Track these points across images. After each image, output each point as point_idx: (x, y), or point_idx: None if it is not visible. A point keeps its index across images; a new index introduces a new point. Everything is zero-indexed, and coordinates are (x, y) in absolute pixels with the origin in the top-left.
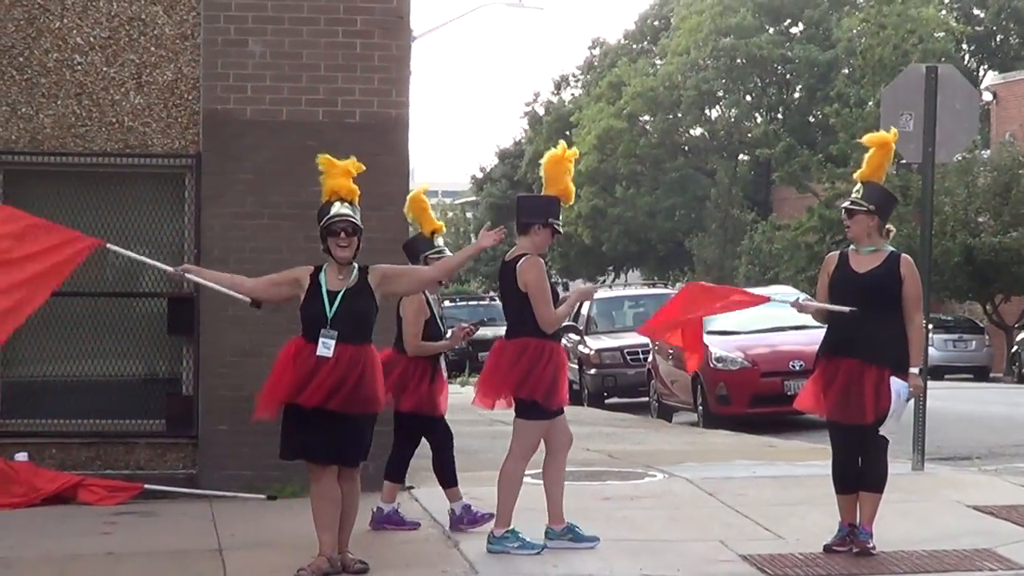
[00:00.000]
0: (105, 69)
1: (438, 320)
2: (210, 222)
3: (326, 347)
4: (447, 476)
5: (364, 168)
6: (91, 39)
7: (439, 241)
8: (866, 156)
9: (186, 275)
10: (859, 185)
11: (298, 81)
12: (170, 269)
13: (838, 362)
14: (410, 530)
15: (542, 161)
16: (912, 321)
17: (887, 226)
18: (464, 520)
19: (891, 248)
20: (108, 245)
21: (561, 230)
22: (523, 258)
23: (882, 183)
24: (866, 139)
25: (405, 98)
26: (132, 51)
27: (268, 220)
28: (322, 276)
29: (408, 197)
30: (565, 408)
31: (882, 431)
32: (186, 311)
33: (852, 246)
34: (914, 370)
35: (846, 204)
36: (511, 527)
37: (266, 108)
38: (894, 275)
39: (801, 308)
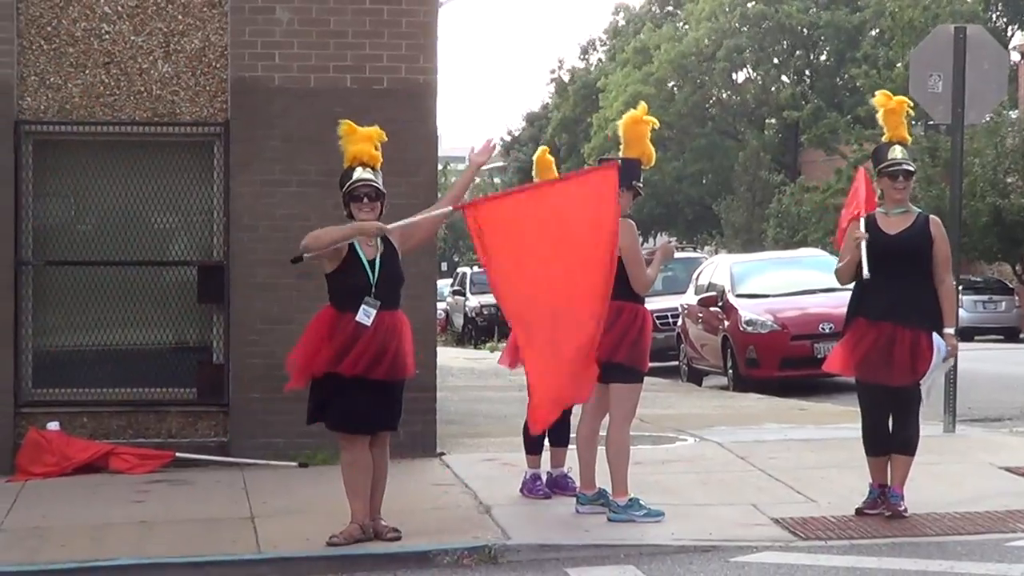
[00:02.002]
0: (133, 38)
1: None
2: (239, 190)
3: (367, 315)
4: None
5: (386, 138)
6: (119, 8)
7: None
8: (885, 118)
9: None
10: (896, 146)
11: (326, 48)
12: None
13: (870, 324)
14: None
15: (620, 122)
16: (943, 282)
17: None
18: (558, 486)
19: (918, 209)
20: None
21: (642, 191)
22: None
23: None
24: (878, 100)
25: (433, 64)
26: (160, 19)
27: (296, 187)
28: (356, 244)
29: (534, 159)
30: None
31: (922, 384)
32: (216, 279)
33: (881, 209)
34: (949, 330)
35: (903, 166)
36: (632, 495)
37: (294, 75)
38: (925, 236)
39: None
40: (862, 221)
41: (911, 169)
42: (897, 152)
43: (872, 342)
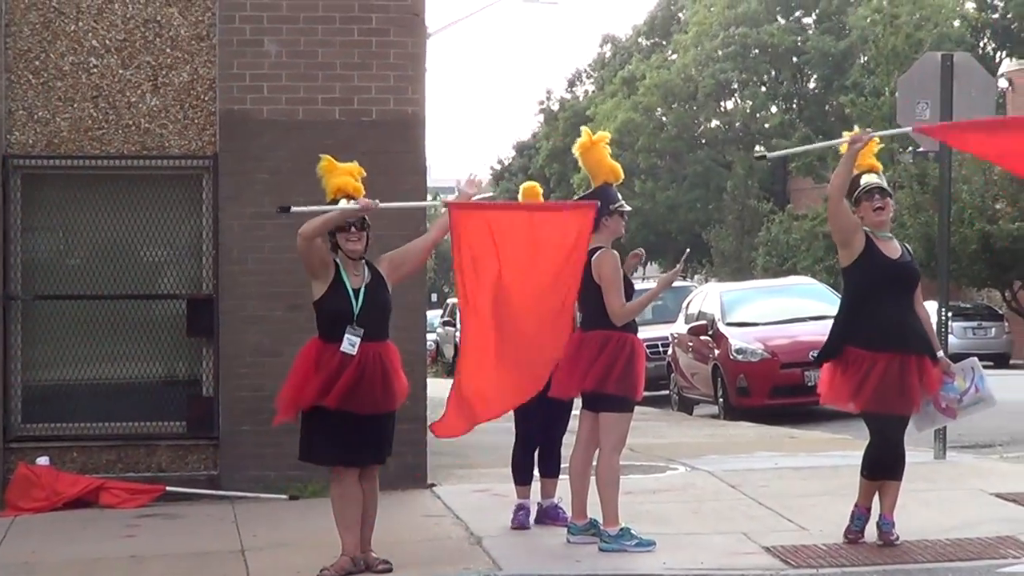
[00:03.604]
0: (121, 71)
1: None
2: (228, 222)
3: (351, 344)
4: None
5: (365, 173)
6: (107, 42)
7: None
8: (854, 158)
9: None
10: (871, 173)
11: (314, 80)
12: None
13: (873, 354)
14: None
15: (577, 156)
16: (922, 307)
17: None
18: (549, 517)
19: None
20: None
21: (626, 208)
22: (599, 251)
23: None
24: (842, 147)
25: (421, 95)
26: (148, 53)
27: (287, 219)
28: (343, 272)
29: (521, 192)
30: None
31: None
32: (205, 312)
33: (868, 230)
34: (941, 353)
35: (883, 185)
36: (623, 524)
37: (282, 108)
38: (915, 262)
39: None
40: (863, 230)
41: (886, 187)
42: (870, 177)
43: (882, 372)
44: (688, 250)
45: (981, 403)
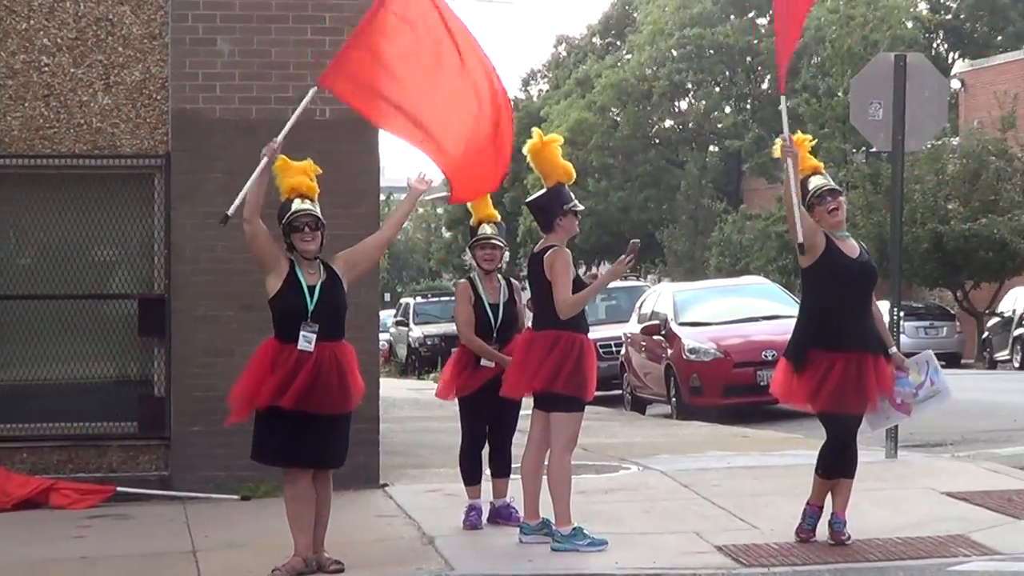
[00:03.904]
0: (73, 70)
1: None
2: (181, 221)
3: (308, 341)
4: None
5: (320, 171)
6: (58, 40)
7: (486, 229)
8: (797, 163)
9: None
10: (812, 177)
11: (267, 79)
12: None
13: (833, 354)
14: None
15: (528, 157)
16: (875, 304)
17: None
18: (501, 516)
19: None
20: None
21: (580, 208)
22: (551, 248)
23: None
24: (775, 152)
25: None
26: (100, 51)
27: (239, 219)
28: (298, 270)
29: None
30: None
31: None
32: (157, 312)
33: (826, 231)
34: (895, 349)
35: (833, 185)
36: (576, 524)
37: (236, 107)
38: (872, 261)
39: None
40: (823, 232)
41: (837, 187)
42: (817, 180)
43: (841, 373)
44: (637, 241)
45: (937, 396)
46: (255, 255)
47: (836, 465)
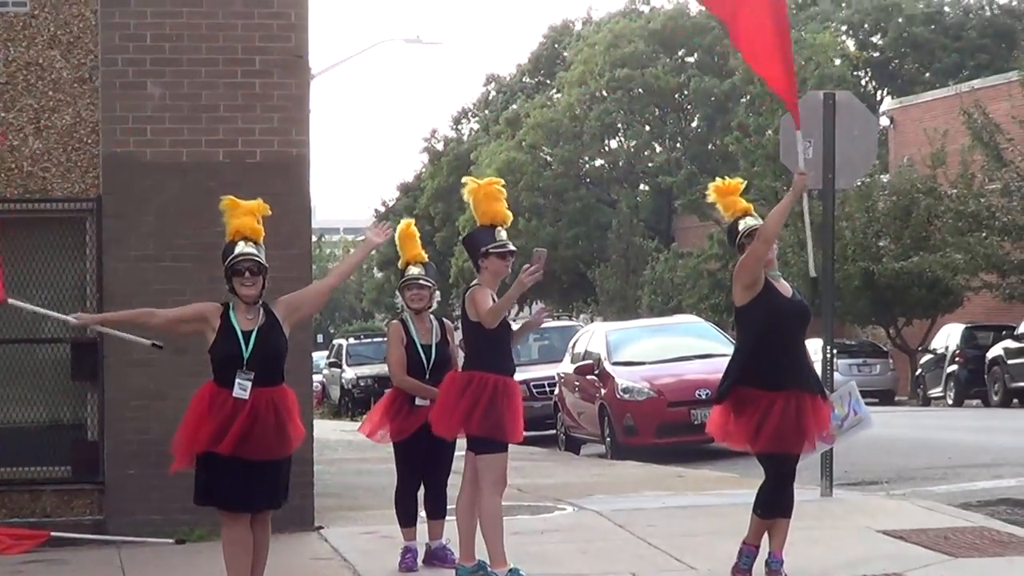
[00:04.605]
0: (3, 115)
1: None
2: (112, 265)
3: (243, 388)
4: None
5: (269, 211)
6: None
7: (413, 270)
8: (722, 204)
9: (88, 325)
10: (744, 219)
11: (198, 122)
12: (71, 320)
13: (771, 394)
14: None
15: (465, 198)
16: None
17: None
18: (437, 558)
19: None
20: (10, 300)
21: (506, 249)
22: (472, 287)
23: None
24: (710, 195)
25: (305, 136)
26: (30, 96)
27: (171, 262)
28: (232, 316)
29: (398, 231)
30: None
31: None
32: (89, 356)
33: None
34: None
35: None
36: (511, 565)
37: (166, 150)
38: (804, 300)
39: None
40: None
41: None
42: (748, 221)
43: (780, 413)
44: (543, 250)
45: (860, 424)
46: (187, 335)
47: (776, 505)
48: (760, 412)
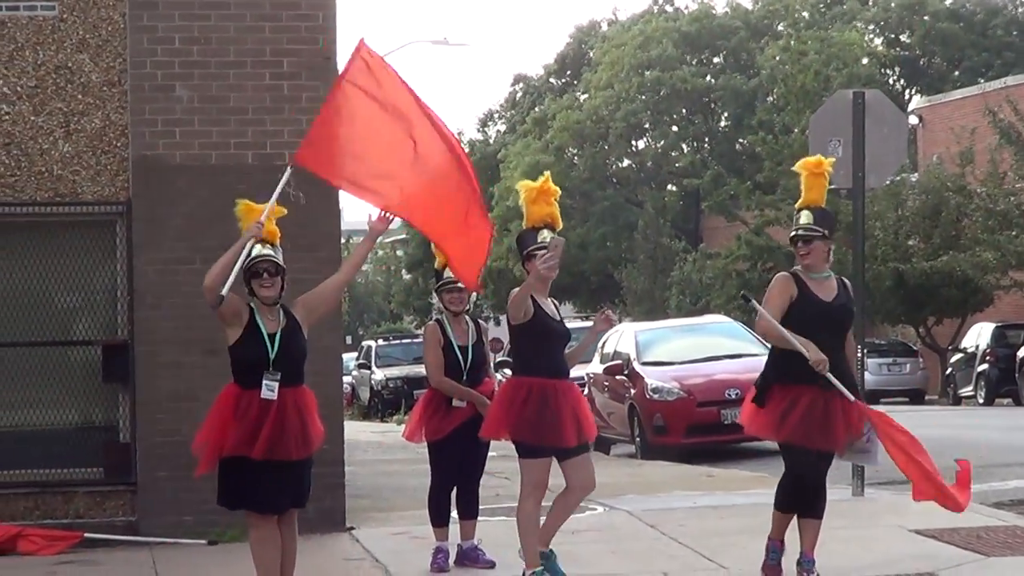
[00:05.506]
0: (33, 118)
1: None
2: (142, 268)
3: (271, 389)
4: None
5: (284, 212)
6: (18, 89)
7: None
8: (803, 183)
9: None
10: (804, 212)
11: (226, 125)
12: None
13: (801, 388)
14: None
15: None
16: (850, 343)
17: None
18: (468, 559)
19: (831, 272)
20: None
21: (540, 248)
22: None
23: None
24: (799, 165)
25: None
26: (59, 99)
27: (200, 264)
28: (258, 317)
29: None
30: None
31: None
32: (120, 358)
33: (798, 269)
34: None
35: (801, 232)
36: (538, 567)
37: (195, 153)
38: (851, 303)
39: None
40: (792, 279)
41: (805, 235)
42: (803, 218)
43: (807, 406)
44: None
45: (867, 452)
46: (222, 318)
47: (792, 500)
48: (787, 402)
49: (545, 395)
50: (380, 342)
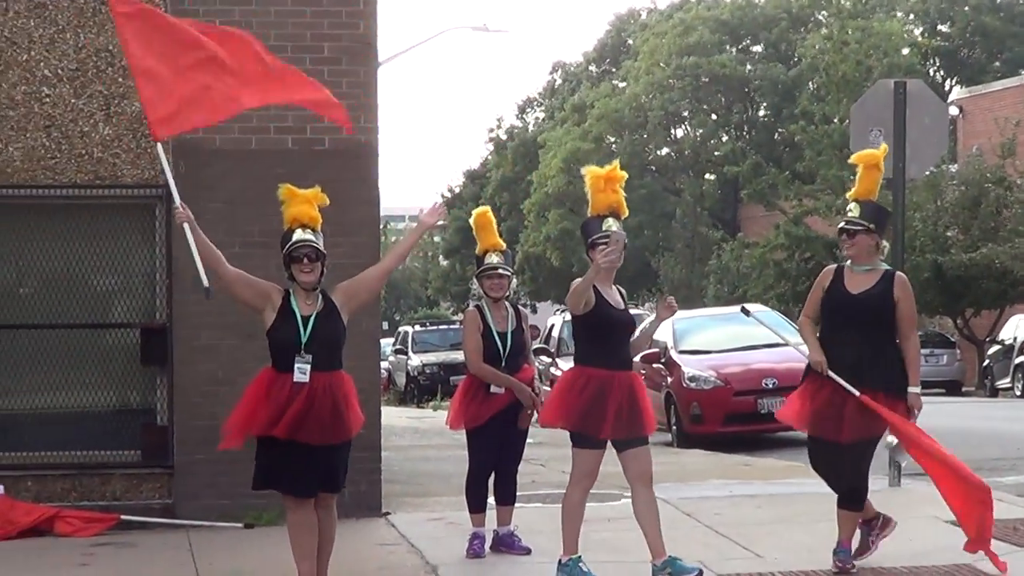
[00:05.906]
0: (73, 101)
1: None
2: (182, 251)
3: (302, 372)
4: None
5: (327, 201)
6: (59, 71)
7: (493, 259)
8: (858, 175)
9: (183, 220)
10: (852, 204)
11: (266, 109)
12: (178, 206)
13: (826, 379)
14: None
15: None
16: (908, 340)
17: (883, 242)
18: (504, 545)
19: (886, 266)
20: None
21: (603, 239)
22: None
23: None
24: (855, 158)
25: (374, 124)
26: (100, 82)
27: (240, 249)
28: (293, 301)
29: (474, 218)
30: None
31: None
32: (159, 341)
33: (848, 263)
34: (914, 389)
35: (844, 225)
36: (575, 554)
37: (235, 137)
38: (888, 297)
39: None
40: (833, 270)
41: (849, 228)
42: (850, 211)
43: (827, 397)
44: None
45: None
46: (241, 302)
47: (833, 489)
48: (809, 392)
49: (602, 387)
50: (417, 328)
